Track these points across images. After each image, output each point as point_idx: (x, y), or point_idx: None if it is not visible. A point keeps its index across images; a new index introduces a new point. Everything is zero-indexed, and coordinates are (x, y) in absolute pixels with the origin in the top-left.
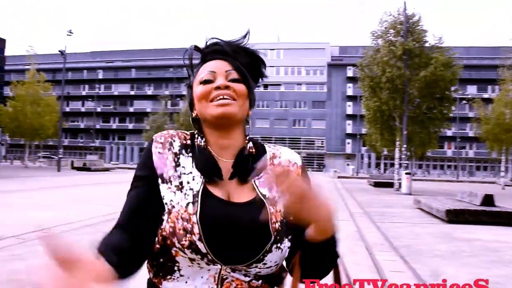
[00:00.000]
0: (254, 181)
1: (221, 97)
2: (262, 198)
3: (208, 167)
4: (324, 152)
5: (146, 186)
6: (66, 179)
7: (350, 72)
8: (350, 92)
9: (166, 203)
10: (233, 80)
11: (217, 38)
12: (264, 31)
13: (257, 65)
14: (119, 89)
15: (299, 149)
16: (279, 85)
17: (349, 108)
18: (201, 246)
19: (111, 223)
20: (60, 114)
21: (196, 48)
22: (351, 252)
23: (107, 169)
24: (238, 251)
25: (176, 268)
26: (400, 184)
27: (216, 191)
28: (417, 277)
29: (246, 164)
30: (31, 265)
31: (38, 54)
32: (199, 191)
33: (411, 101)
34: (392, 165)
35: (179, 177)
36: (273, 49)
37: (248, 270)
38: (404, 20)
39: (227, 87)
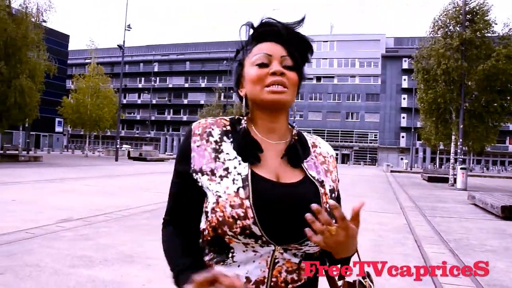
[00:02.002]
0: (303, 163)
1: (276, 83)
2: (312, 179)
3: (252, 149)
4: (377, 146)
5: (187, 181)
6: (124, 168)
7: (405, 64)
8: (405, 84)
9: (210, 195)
10: (287, 67)
11: (273, 19)
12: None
13: (305, 51)
14: (173, 82)
15: (352, 142)
16: (332, 77)
17: (404, 101)
18: (255, 229)
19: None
20: (118, 106)
21: (252, 26)
22: (399, 244)
23: (162, 160)
24: (292, 230)
25: (230, 255)
26: (455, 179)
27: (264, 173)
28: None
29: (297, 148)
30: (98, 244)
31: (98, 48)
32: (247, 174)
33: (468, 94)
34: (448, 160)
35: (223, 163)
36: (326, 41)
37: (300, 248)
38: (463, 9)
39: (282, 74)
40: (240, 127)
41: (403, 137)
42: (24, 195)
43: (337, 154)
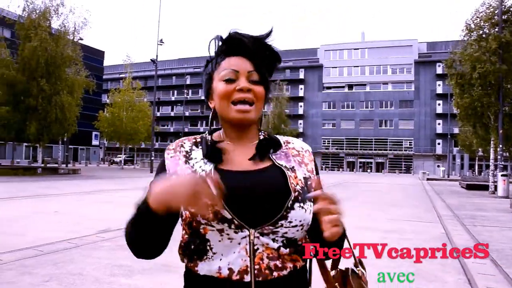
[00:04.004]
0: (271, 155)
1: (242, 100)
2: (279, 165)
3: (216, 151)
4: (412, 153)
5: None
6: None
7: (439, 69)
8: (440, 90)
9: None
10: (254, 82)
11: (239, 33)
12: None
13: (273, 62)
14: None
15: (386, 150)
16: (364, 85)
17: (439, 107)
18: (225, 213)
19: None
20: (152, 119)
21: (221, 39)
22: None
23: None
24: (261, 211)
25: (208, 247)
26: (495, 186)
27: (229, 168)
28: (510, 282)
29: (266, 146)
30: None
31: (132, 63)
32: (211, 169)
33: (508, 97)
34: (488, 166)
35: (192, 167)
36: (357, 49)
37: (275, 230)
38: (500, 10)
39: (249, 90)
40: (207, 137)
41: (439, 144)
42: (65, 206)
43: (371, 163)
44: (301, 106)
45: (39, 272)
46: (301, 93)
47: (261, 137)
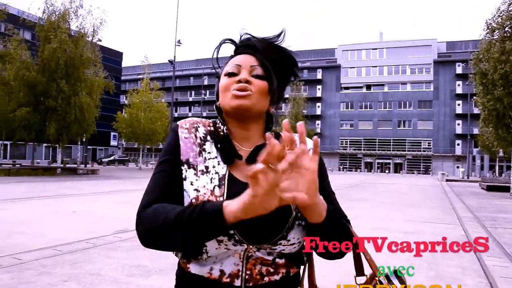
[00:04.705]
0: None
1: (240, 89)
2: None
3: (230, 152)
4: (431, 154)
5: (176, 170)
6: None
7: (459, 69)
8: (459, 90)
9: (190, 189)
10: (257, 76)
11: (250, 34)
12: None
13: (288, 63)
14: None
15: (404, 151)
16: (382, 85)
17: (459, 107)
18: None
19: None
20: (170, 119)
21: (230, 41)
22: (456, 256)
23: None
24: (263, 230)
25: (204, 250)
26: None
27: (239, 176)
28: None
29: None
30: (153, 254)
31: (150, 64)
32: (225, 175)
33: None
34: (509, 167)
35: (205, 161)
36: (376, 49)
37: (273, 248)
38: None
39: (247, 82)
40: (221, 130)
41: (458, 144)
42: (83, 206)
43: (389, 164)
44: (318, 107)
45: (57, 272)
46: (318, 94)
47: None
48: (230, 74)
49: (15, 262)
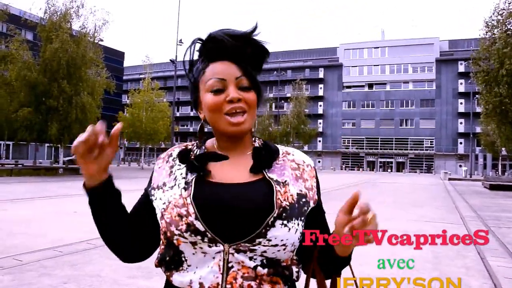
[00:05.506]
0: (265, 170)
1: (234, 111)
2: (269, 179)
3: (202, 160)
4: (433, 153)
5: (144, 196)
6: None
7: (462, 67)
8: (462, 88)
9: (161, 204)
10: (244, 88)
11: (223, 31)
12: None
13: (260, 54)
14: None
15: (407, 150)
16: (384, 84)
17: (461, 106)
18: (198, 224)
19: None
20: (171, 119)
21: (200, 41)
22: (460, 256)
23: None
24: (238, 226)
25: (183, 258)
26: None
27: (215, 179)
28: None
29: (261, 157)
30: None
31: (151, 64)
32: (193, 179)
33: None
34: None
35: (174, 174)
36: (378, 47)
37: (253, 248)
38: None
39: (239, 100)
40: (192, 154)
41: (461, 143)
42: (84, 206)
43: (391, 163)
44: (320, 106)
45: (58, 273)
46: (320, 93)
47: (256, 144)
48: (216, 92)
49: (15, 264)
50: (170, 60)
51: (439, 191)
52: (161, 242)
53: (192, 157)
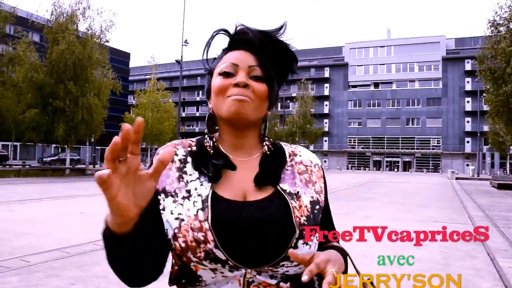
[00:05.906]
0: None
1: (239, 96)
2: (282, 192)
3: (218, 168)
4: (440, 152)
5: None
6: None
7: (468, 66)
8: (469, 87)
9: (173, 219)
10: (255, 78)
11: (246, 26)
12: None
13: (287, 60)
14: None
15: (413, 149)
16: (390, 83)
17: (468, 104)
18: (218, 253)
19: None
20: (177, 119)
21: (224, 32)
22: (469, 257)
23: None
24: (260, 251)
25: (201, 281)
26: None
27: (228, 193)
28: None
29: (270, 166)
30: None
31: (157, 64)
32: (208, 195)
33: None
34: None
35: (186, 185)
36: (383, 46)
37: (275, 270)
38: None
39: (246, 86)
40: (208, 146)
41: (468, 142)
42: (91, 207)
43: (398, 162)
44: (326, 105)
45: (65, 274)
46: (326, 92)
47: (265, 148)
48: (225, 74)
49: (23, 265)
50: (176, 60)
51: (446, 191)
52: (173, 262)
53: (200, 158)
